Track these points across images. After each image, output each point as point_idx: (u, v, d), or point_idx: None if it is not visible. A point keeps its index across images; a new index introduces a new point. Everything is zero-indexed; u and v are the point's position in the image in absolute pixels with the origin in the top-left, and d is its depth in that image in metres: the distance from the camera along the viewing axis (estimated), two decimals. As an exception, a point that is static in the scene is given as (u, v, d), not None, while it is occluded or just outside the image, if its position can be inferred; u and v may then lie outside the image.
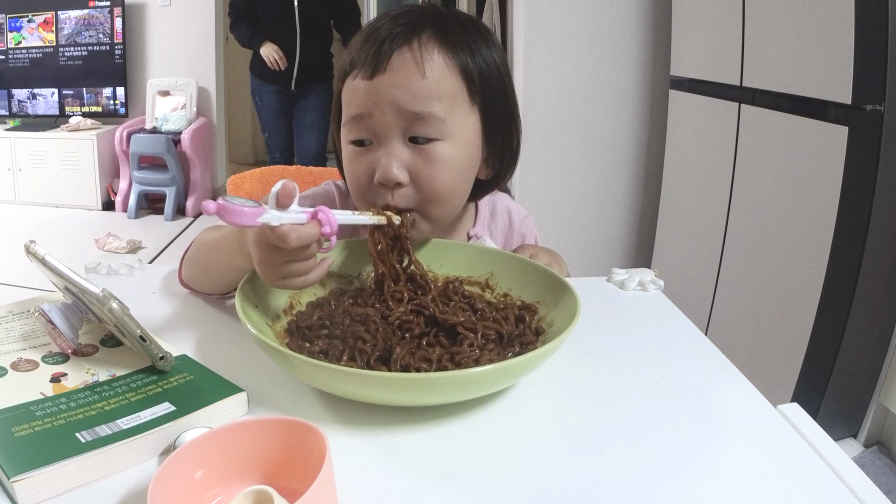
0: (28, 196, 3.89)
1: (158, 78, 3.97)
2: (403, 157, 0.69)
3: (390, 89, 0.68)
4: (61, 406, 0.50)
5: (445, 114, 0.69)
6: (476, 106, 0.72)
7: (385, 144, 0.70)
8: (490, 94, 0.73)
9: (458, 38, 0.71)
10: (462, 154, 0.72)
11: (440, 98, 0.69)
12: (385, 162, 0.69)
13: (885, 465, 1.63)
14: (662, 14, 2.36)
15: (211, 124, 4.06)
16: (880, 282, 1.57)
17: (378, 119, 0.69)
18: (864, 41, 1.42)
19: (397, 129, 0.69)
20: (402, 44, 0.68)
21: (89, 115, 3.93)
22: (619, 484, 0.46)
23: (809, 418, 0.54)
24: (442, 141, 0.70)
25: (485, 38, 0.74)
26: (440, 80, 0.69)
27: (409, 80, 0.68)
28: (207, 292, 0.74)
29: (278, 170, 1.11)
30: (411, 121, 0.68)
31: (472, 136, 0.73)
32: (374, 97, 0.68)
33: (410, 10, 0.72)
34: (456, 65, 0.70)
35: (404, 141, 0.70)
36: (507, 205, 0.92)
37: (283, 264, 0.57)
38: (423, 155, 0.70)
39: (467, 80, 0.71)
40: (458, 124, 0.71)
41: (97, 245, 3.19)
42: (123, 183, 3.88)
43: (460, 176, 0.73)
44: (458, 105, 0.70)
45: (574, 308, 0.59)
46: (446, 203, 0.73)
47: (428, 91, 0.68)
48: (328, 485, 0.41)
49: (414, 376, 0.51)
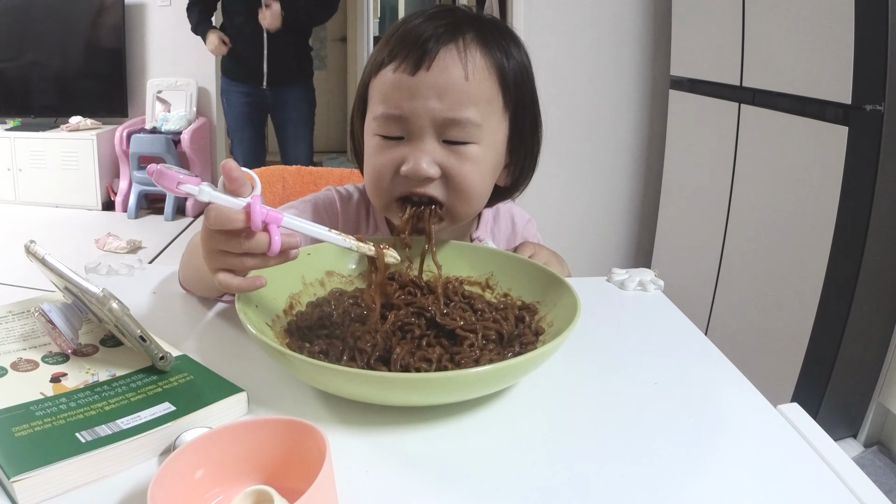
0: (28, 196, 3.89)
1: (158, 78, 3.97)
2: (435, 154, 0.69)
3: (431, 90, 0.67)
4: (61, 406, 0.50)
5: (482, 119, 0.69)
6: (508, 113, 0.73)
7: (417, 141, 0.69)
8: (521, 100, 0.74)
9: (497, 41, 0.71)
10: (492, 158, 0.73)
11: (478, 102, 0.69)
12: (415, 157, 0.68)
13: (885, 465, 1.63)
14: (662, 14, 2.36)
15: (211, 124, 4.06)
16: (880, 282, 1.57)
17: (413, 122, 0.69)
18: (864, 41, 1.42)
19: (432, 131, 0.69)
20: (449, 41, 0.68)
21: (89, 116, 3.93)
22: (619, 484, 0.46)
23: (809, 418, 0.54)
24: (476, 144, 0.70)
25: (517, 43, 0.74)
26: (481, 82, 0.69)
27: (451, 80, 0.67)
28: (202, 294, 0.73)
29: (278, 170, 1.10)
30: (447, 126, 0.68)
31: (501, 142, 0.74)
32: (413, 97, 0.68)
33: (450, 10, 0.72)
34: (496, 69, 0.70)
35: (438, 141, 0.70)
36: (510, 209, 0.92)
37: (218, 253, 0.55)
38: (457, 154, 0.70)
39: (503, 86, 0.71)
40: (491, 129, 0.71)
41: (97, 245, 3.19)
42: (123, 183, 3.88)
43: (488, 178, 0.74)
44: (493, 111, 0.71)
45: (574, 308, 0.59)
46: (472, 202, 0.73)
47: (468, 95, 0.68)
48: (328, 485, 0.41)
49: (414, 376, 0.51)
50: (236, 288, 0.56)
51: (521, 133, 0.75)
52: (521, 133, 0.75)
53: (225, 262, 0.55)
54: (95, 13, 3.87)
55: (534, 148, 0.78)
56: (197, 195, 0.52)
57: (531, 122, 0.76)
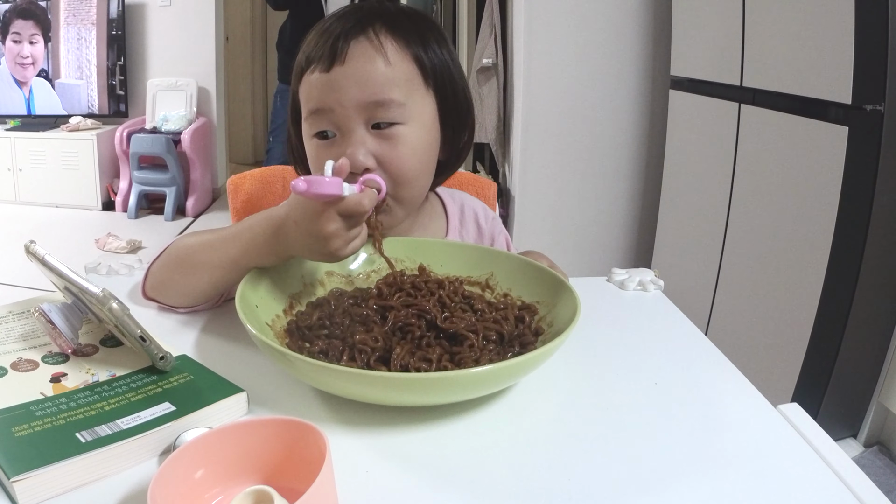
0: (28, 196, 3.89)
1: (158, 78, 3.97)
2: (368, 144, 0.72)
3: (349, 80, 0.70)
4: (61, 406, 0.50)
5: (404, 97, 0.72)
6: (430, 89, 0.76)
7: (349, 134, 0.72)
8: (442, 79, 0.76)
9: (407, 28, 0.74)
10: (423, 136, 0.75)
11: (398, 83, 0.72)
12: (351, 150, 0.71)
13: (885, 465, 1.63)
14: (662, 14, 2.36)
15: (211, 124, 4.06)
16: (880, 282, 1.57)
17: (339, 112, 0.71)
18: (864, 41, 1.42)
19: (359, 118, 0.71)
20: (358, 34, 0.71)
21: (89, 115, 3.93)
22: (619, 484, 0.46)
23: (809, 418, 0.54)
24: (403, 125, 0.73)
25: (435, 34, 0.77)
26: (396, 65, 0.72)
27: (367, 68, 0.71)
28: (178, 302, 0.71)
29: (278, 170, 1.10)
30: (373, 109, 0.71)
31: (431, 118, 0.76)
32: (334, 89, 0.71)
33: (358, 7, 0.75)
34: (408, 52, 0.73)
35: (367, 129, 0.72)
36: (474, 206, 0.92)
37: (349, 232, 0.61)
38: (387, 140, 0.72)
39: (420, 66, 0.74)
40: (416, 107, 0.74)
41: (97, 245, 3.19)
42: (123, 183, 3.88)
43: (424, 156, 0.76)
44: (415, 89, 0.74)
45: (574, 308, 0.59)
46: (414, 184, 0.76)
47: (385, 77, 0.71)
48: (328, 485, 0.41)
49: (414, 376, 0.51)
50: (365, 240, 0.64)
51: (448, 106, 0.78)
52: (448, 106, 0.78)
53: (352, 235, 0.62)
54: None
55: (466, 118, 0.80)
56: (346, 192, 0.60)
57: (455, 94, 0.78)
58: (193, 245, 0.70)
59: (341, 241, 0.61)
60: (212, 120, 4.06)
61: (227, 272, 0.67)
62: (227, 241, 0.67)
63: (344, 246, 0.62)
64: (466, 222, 0.90)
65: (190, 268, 0.69)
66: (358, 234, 0.63)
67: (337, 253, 0.62)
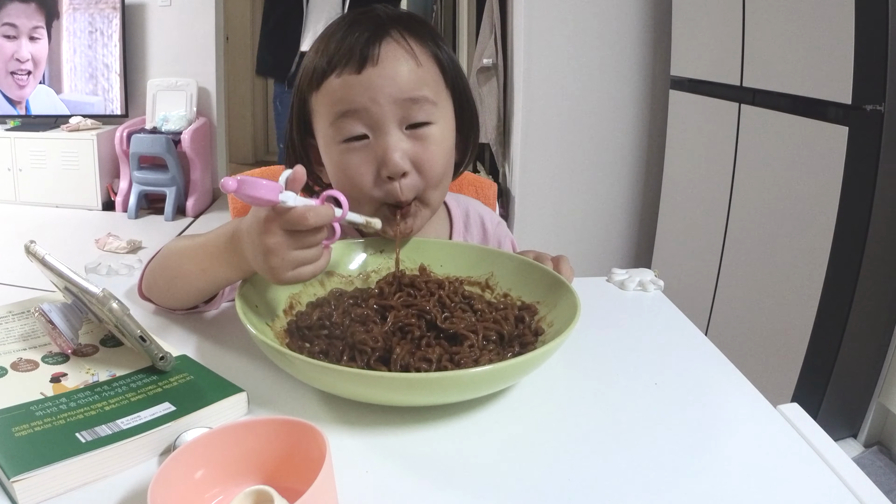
0: (28, 196, 3.89)
1: (158, 78, 3.97)
2: (404, 146, 0.71)
3: (384, 79, 0.69)
4: (61, 406, 0.50)
5: (435, 97, 0.72)
6: (449, 91, 0.76)
7: (384, 136, 0.70)
8: (456, 80, 0.77)
9: (422, 31, 0.74)
10: (449, 136, 0.75)
11: (428, 83, 0.72)
12: (388, 154, 0.69)
13: (885, 465, 1.63)
14: (662, 14, 2.36)
15: (211, 124, 4.06)
16: (880, 282, 1.57)
17: (374, 110, 0.69)
18: (864, 41, 1.42)
19: (395, 117, 0.70)
20: (384, 36, 0.71)
21: (89, 116, 3.93)
22: (619, 484, 0.46)
23: (809, 418, 0.54)
24: (434, 124, 0.72)
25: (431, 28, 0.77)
26: (425, 65, 0.72)
27: (402, 68, 0.70)
28: (170, 305, 0.71)
29: (279, 170, 1.11)
30: (408, 107, 0.70)
31: (451, 119, 0.76)
32: (367, 88, 0.69)
33: (369, 11, 0.74)
34: (431, 53, 0.73)
35: (402, 129, 0.71)
36: (480, 211, 0.91)
37: (293, 251, 0.56)
38: (420, 140, 0.71)
39: (441, 67, 0.74)
40: (443, 108, 0.74)
41: (97, 245, 3.19)
42: (123, 183, 3.88)
43: (449, 157, 0.76)
44: (440, 89, 0.74)
45: (574, 308, 0.59)
46: (442, 186, 0.75)
47: (418, 76, 0.71)
48: (328, 485, 0.41)
49: (414, 376, 0.51)
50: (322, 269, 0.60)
51: (462, 107, 0.78)
52: (462, 107, 0.78)
53: (300, 257, 0.57)
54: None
55: (474, 119, 0.81)
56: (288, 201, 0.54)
57: (466, 95, 0.79)
58: (174, 251, 0.69)
59: (279, 259, 0.56)
60: (212, 120, 4.06)
61: (199, 280, 0.66)
62: (198, 249, 0.65)
63: (285, 266, 0.56)
64: (472, 226, 0.90)
65: (171, 274, 0.69)
66: (308, 260, 0.58)
67: (276, 272, 0.57)
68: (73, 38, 3.78)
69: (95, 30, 3.47)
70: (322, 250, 0.59)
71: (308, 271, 0.58)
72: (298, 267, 0.57)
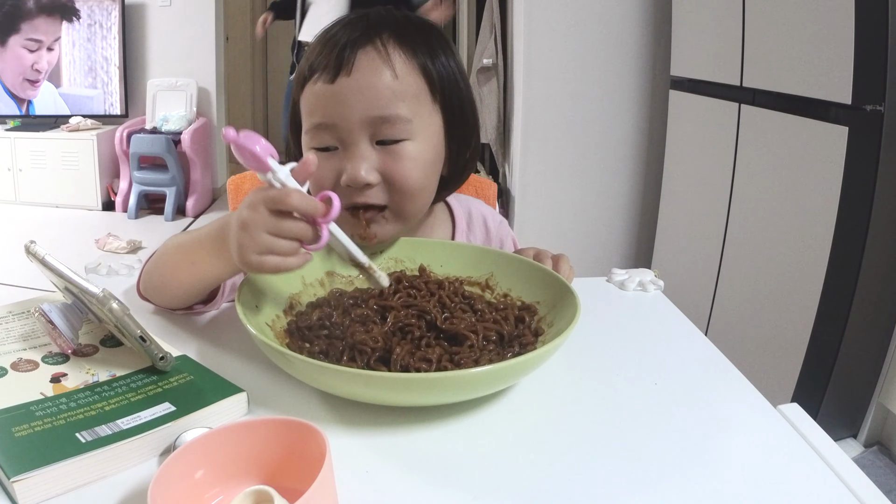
0: (28, 196, 3.89)
1: (158, 78, 3.97)
2: (371, 159, 0.70)
3: (354, 93, 0.68)
4: (61, 406, 0.50)
5: (411, 114, 0.70)
6: (437, 104, 0.73)
7: (351, 148, 0.70)
8: (450, 93, 0.74)
9: (415, 39, 0.72)
10: (429, 151, 0.73)
11: (404, 98, 0.69)
12: (352, 165, 0.69)
13: (885, 465, 1.63)
14: (662, 14, 2.36)
15: (211, 124, 4.06)
16: (880, 282, 1.57)
17: (343, 127, 0.69)
18: (864, 41, 1.42)
19: (363, 133, 0.69)
20: (365, 43, 0.69)
21: (89, 116, 3.93)
22: (619, 484, 0.46)
23: (809, 418, 0.54)
24: (410, 140, 0.70)
25: (442, 45, 0.74)
26: (403, 78, 0.69)
27: (374, 81, 0.68)
28: (165, 303, 0.70)
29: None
30: (378, 125, 0.69)
31: (437, 133, 0.74)
32: (338, 102, 0.68)
33: (365, 14, 0.73)
34: (417, 64, 0.71)
35: (371, 144, 0.70)
36: (482, 211, 0.91)
37: (266, 235, 0.54)
38: (392, 154, 0.70)
39: (428, 80, 0.72)
40: (422, 122, 0.71)
41: (97, 245, 3.18)
42: (123, 183, 3.88)
43: (427, 171, 0.74)
44: (422, 103, 0.71)
45: (574, 308, 0.59)
46: (416, 199, 0.74)
47: (392, 92, 0.69)
48: (328, 485, 0.41)
49: (414, 376, 0.51)
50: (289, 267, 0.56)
51: (454, 121, 0.75)
52: (454, 121, 0.75)
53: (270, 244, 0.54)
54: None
55: (470, 134, 0.78)
56: (279, 172, 0.54)
57: (462, 109, 0.76)
58: (169, 247, 0.68)
59: (249, 237, 0.54)
60: (212, 120, 4.06)
61: (190, 275, 0.65)
62: (191, 243, 0.65)
63: (252, 246, 0.54)
64: (474, 227, 0.89)
65: (165, 270, 0.68)
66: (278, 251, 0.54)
67: (242, 250, 0.55)
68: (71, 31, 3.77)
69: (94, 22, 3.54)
70: (296, 248, 0.56)
71: (273, 262, 0.55)
72: (265, 253, 0.55)
